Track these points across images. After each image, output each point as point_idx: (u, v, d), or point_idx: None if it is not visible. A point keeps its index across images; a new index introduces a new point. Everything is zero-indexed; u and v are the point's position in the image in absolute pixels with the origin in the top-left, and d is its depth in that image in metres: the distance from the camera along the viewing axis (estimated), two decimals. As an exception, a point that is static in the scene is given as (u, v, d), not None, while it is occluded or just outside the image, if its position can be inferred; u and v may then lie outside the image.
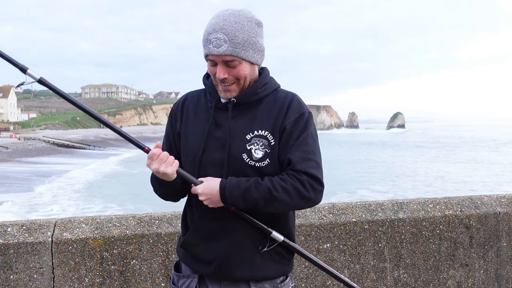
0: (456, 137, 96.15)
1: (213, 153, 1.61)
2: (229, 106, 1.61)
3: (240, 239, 1.61)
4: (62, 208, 20.77)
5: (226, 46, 1.52)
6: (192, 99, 1.73)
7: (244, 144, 1.58)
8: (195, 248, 1.65)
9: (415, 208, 2.83)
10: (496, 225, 2.90)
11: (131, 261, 2.41)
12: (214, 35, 1.53)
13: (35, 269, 2.31)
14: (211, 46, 1.54)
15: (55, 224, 2.42)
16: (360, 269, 2.70)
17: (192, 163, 1.64)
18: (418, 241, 2.78)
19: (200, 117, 1.68)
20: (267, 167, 1.57)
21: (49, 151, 50.20)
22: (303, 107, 1.65)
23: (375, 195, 23.73)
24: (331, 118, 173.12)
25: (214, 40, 1.53)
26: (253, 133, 1.59)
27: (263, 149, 1.57)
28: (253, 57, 1.59)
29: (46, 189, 25.89)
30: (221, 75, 1.56)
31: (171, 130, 1.74)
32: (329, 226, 2.65)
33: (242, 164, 1.57)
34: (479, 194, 3.14)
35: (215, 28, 1.54)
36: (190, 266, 1.69)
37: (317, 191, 1.55)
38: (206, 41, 1.55)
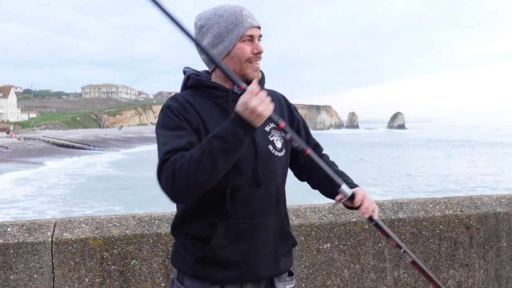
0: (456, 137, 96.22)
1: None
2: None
3: (266, 236, 1.61)
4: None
5: (258, 20, 1.62)
6: (189, 98, 1.61)
7: (267, 135, 1.63)
8: (221, 251, 1.56)
9: (415, 208, 2.83)
10: (496, 225, 2.90)
11: (131, 261, 2.41)
12: (245, 11, 1.59)
13: (35, 269, 2.31)
14: (250, 20, 1.58)
15: (55, 224, 2.42)
16: (360, 269, 2.70)
17: (243, 161, 1.55)
18: (418, 241, 2.78)
19: (211, 114, 1.58)
20: (285, 156, 1.67)
21: (49, 151, 50.21)
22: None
23: (376, 195, 23.74)
24: (331, 118, 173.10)
25: (249, 14, 1.59)
26: (270, 125, 1.65)
27: (280, 140, 1.66)
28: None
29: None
30: (261, 47, 1.60)
31: (187, 124, 1.53)
32: (329, 226, 2.65)
33: (270, 155, 1.61)
34: (479, 194, 3.14)
35: (241, 7, 1.59)
36: (207, 275, 1.59)
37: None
38: (241, 17, 1.57)
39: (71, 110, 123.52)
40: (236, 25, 1.57)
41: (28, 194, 24.45)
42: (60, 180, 29.97)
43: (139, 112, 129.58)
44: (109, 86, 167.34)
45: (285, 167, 1.70)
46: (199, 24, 1.63)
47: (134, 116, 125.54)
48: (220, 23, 1.58)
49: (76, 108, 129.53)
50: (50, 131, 77.79)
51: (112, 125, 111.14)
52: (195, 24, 1.65)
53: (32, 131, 78.20)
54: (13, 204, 21.87)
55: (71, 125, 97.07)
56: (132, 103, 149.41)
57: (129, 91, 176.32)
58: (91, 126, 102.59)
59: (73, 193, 24.95)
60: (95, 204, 21.12)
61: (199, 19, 1.63)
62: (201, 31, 1.62)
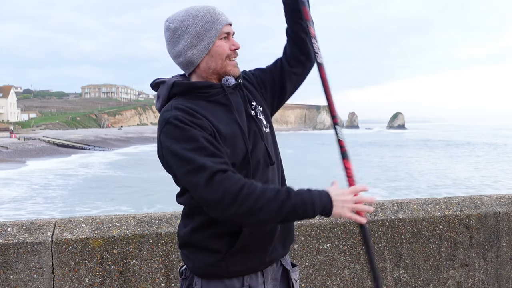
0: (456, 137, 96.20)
1: (252, 135, 1.62)
2: (241, 85, 1.67)
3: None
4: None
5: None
6: (184, 103, 1.54)
7: (255, 117, 1.66)
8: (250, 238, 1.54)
9: (415, 208, 2.83)
10: (496, 225, 2.90)
11: (131, 261, 2.41)
12: (217, 10, 1.61)
13: (35, 269, 2.31)
14: (223, 17, 1.60)
15: (55, 224, 2.42)
16: (360, 269, 2.70)
17: (244, 159, 1.54)
18: (418, 241, 2.78)
19: (216, 113, 1.57)
20: (270, 131, 1.72)
21: (49, 151, 50.22)
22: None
23: (376, 195, 23.71)
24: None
25: (221, 12, 1.61)
26: (252, 106, 1.68)
27: (262, 116, 1.70)
28: None
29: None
30: (237, 44, 1.63)
31: (205, 133, 1.46)
32: (329, 226, 2.65)
33: (266, 135, 1.67)
34: (479, 194, 3.14)
35: (212, 6, 1.62)
36: (237, 269, 1.55)
37: None
38: (215, 15, 1.59)
39: (71, 110, 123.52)
40: (213, 23, 1.58)
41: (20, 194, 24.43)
42: (58, 179, 29.98)
43: (139, 112, 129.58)
44: (109, 86, 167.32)
45: (275, 140, 1.76)
46: (172, 26, 1.59)
47: (134, 116, 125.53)
48: (196, 23, 1.57)
49: (76, 108, 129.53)
50: (50, 131, 77.79)
51: (112, 125, 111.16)
52: (167, 28, 1.61)
53: (32, 131, 78.20)
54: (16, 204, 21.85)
55: (71, 125, 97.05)
56: (132, 103, 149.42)
57: (129, 91, 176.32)
58: (91, 126, 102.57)
59: (71, 193, 24.95)
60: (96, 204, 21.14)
61: (172, 22, 1.60)
62: (176, 33, 1.59)
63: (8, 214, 18.78)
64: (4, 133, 66.47)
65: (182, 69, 1.67)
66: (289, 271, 1.72)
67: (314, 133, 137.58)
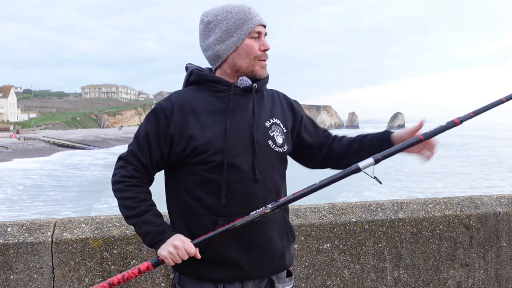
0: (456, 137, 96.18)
1: (238, 142, 1.58)
2: (253, 90, 1.64)
3: (270, 232, 1.63)
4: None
5: (264, 19, 1.67)
6: (187, 96, 1.63)
7: (267, 130, 1.64)
8: (224, 250, 1.58)
9: (415, 208, 2.83)
10: (496, 225, 2.90)
11: (131, 261, 2.41)
12: (252, 10, 1.63)
13: (35, 269, 2.31)
14: (257, 17, 1.62)
15: (55, 224, 2.42)
16: (360, 269, 2.70)
17: (218, 156, 1.56)
18: (418, 241, 2.78)
19: (211, 110, 1.60)
20: (285, 152, 1.69)
21: (49, 151, 50.21)
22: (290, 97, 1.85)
23: (377, 195, 23.71)
24: (331, 118, 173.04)
25: (256, 12, 1.63)
26: (270, 121, 1.66)
27: (281, 135, 1.67)
28: None
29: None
30: (267, 45, 1.63)
31: (158, 132, 1.60)
32: (329, 226, 2.65)
33: (269, 151, 1.63)
34: (479, 194, 3.14)
35: (248, 6, 1.63)
36: (209, 276, 1.60)
37: None
38: (249, 14, 1.61)
39: (71, 110, 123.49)
40: (245, 21, 1.59)
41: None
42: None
43: (139, 112, 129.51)
44: (109, 86, 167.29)
45: (286, 162, 1.73)
46: (206, 20, 1.64)
47: (134, 116, 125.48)
48: (229, 19, 1.60)
49: (76, 108, 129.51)
50: (50, 131, 77.77)
51: (112, 125, 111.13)
52: (201, 21, 1.66)
53: (32, 131, 78.18)
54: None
55: (71, 125, 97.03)
56: (132, 103, 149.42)
57: (129, 91, 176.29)
58: (91, 126, 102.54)
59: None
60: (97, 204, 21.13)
61: (206, 16, 1.64)
62: (209, 27, 1.63)
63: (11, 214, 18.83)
64: (4, 133, 66.45)
65: (209, 63, 1.70)
66: (274, 282, 1.68)
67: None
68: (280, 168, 1.69)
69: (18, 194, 24.08)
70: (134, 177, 1.60)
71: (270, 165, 1.63)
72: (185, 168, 1.62)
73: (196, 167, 1.59)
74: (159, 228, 1.56)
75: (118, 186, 1.60)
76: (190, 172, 1.61)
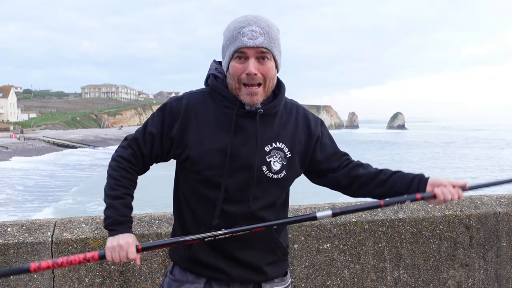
0: (456, 137, 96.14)
1: (231, 163, 1.57)
2: (257, 116, 1.58)
3: (250, 248, 1.64)
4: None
5: (262, 39, 1.51)
6: (197, 102, 1.62)
7: (265, 155, 1.60)
8: (204, 256, 1.63)
9: (415, 208, 2.83)
10: (496, 225, 2.90)
11: (131, 261, 2.41)
12: (248, 28, 1.51)
13: (35, 269, 2.31)
14: (245, 39, 1.50)
15: (55, 224, 2.42)
16: (360, 269, 2.70)
17: (217, 175, 1.57)
18: (418, 241, 2.78)
19: (214, 124, 1.59)
20: (282, 179, 1.63)
21: (49, 151, 50.20)
22: (313, 114, 1.77)
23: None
24: (331, 118, 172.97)
25: (249, 32, 1.50)
26: (272, 146, 1.61)
27: (280, 161, 1.61)
28: (279, 58, 1.59)
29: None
30: (253, 69, 1.50)
31: (162, 130, 1.62)
32: (329, 226, 2.65)
33: (261, 176, 1.59)
34: (479, 194, 3.13)
35: (249, 22, 1.52)
36: (196, 271, 1.65)
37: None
38: (238, 34, 1.51)
39: (71, 110, 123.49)
40: (231, 42, 1.53)
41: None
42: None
43: (139, 112, 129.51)
44: (109, 86, 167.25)
45: (283, 188, 1.68)
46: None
47: (134, 116, 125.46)
48: (225, 36, 1.58)
49: (76, 108, 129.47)
50: (50, 131, 77.77)
51: (112, 125, 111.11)
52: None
53: (32, 131, 78.16)
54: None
55: (71, 125, 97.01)
56: (132, 103, 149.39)
57: (129, 91, 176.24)
58: (91, 126, 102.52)
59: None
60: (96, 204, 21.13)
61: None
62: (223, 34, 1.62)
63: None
64: (4, 133, 66.40)
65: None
66: (261, 284, 1.68)
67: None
68: (275, 194, 1.65)
69: (16, 194, 24.08)
70: (128, 161, 1.65)
71: (261, 190, 1.60)
72: (184, 172, 1.66)
73: (191, 175, 1.63)
74: (119, 219, 1.59)
75: (112, 164, 1.66)
76: (187, 177, 1.65)
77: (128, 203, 1.64)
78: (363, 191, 1.73)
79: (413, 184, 1.67)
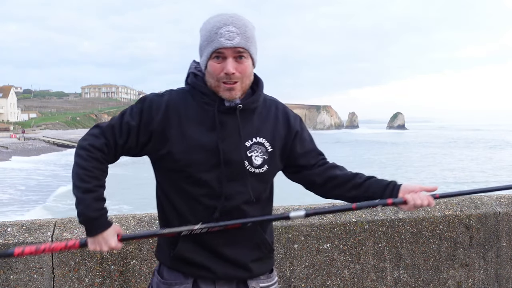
0: (456, 137, 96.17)
1: (210, 159, 1.59)
2: (237, 111, 1.60)
3: (232, 244, 1.65)
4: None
5: (239, 39, 1.54)
6: (178, 100, 1.64)
7: (246, 150, 1.62)
8: (189, 254, 1.64)
9: (415, 208, 2.83)
10: (496, 225, 2.90)
11: (131, 261, 2.41)
12: (225, 28, 1.53)
13: (35, 269, 2.31)
14: (222, 39, 1.53)
15: (55, 224, 2.42)
16: (360, 269, 2.70)
17: (200, 171, 1.58)
18: (418, 241, 2.78)
19: (196, 120, 1.61)
20: (265, 173, 1.65)
21: (49, 151, 50.21)
22: (292, 111, 1.77)
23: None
24: (331, 118, 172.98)
25: (226, 33, 1.53)
26: (252, 140, 1.63)
27: (261, 156, 1.64)
28: (255, 55, 1.62)
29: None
30: (231, 69, 1.54)
31: (140, 122, 1.60)
32: (329, 226, 2.65)
33: (243, 171, 1.61)
34: (479, 194, 3.13)
35: (225, 22, 1.54)
36: (181, 270, 1.66)
37: None
38: (216, 35, 1.53)
39: (71, 110, 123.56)
40: (209, 43, 1.55)
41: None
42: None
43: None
44: (109, 86, 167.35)
45: (266, 182, 1.69)
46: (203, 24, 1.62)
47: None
48: (202, 36, 1.59)
49: (76, 108, 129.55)
50: (50, 131, 77.80)
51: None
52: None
53: (32, 131, 78.16)
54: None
55: (71, 125, 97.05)
56: (132, 103, 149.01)
57: (129, 91, 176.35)
58: (91, 126, 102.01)
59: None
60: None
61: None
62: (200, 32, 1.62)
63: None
64: (4, 133, 66.41)
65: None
66: (247, 280, 1.69)
67: (314, 133, 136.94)
68: (258, 188, 1.66)
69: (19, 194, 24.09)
70: (101, 151, 1.60)
71: (243, 185, 1.62)
72: (165, 172, 1.66)
73: (173, 174, 1.63)
74: (93, 214, 1.59)
75: (82, 152, 1.60)
76: (169, 177, 1.65)
77: (100, 196, 1.61)
78: (337, 192, 1.76)
79: (387, 189, 1.72)
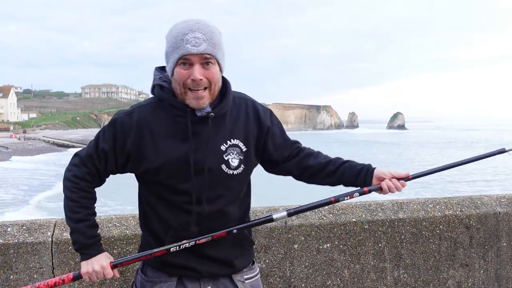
0: (456, 137, 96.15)
1: (188, 168, 1.61)
2: (209, 120, 1.60)
3: (216, 246, 1.68)
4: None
5: (206, 45, 1.53)
6: (148, 115, 1.63)
7: (222, 154, 1.64)
8: (174, 257, 1.66)
9: (415, 208, 2.83)
10: (496, 225, 2.90)
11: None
12: (191, 34, 1.51)
13: (35, 269, 2.31)
14: (189, 46, 1.51)
15: (55, 224, 2.42)
16: (360, 269, 2.70)
17: (179, 182, 1.61)
18: (418, 241, 2.78)
19: (168, 134, 1.61)
20: (242, 173, 1.68)
21: (49, 151, 50.21)
22: (261, 105, 1.79)
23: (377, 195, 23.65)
24: (331, 118, 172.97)
25: (192, 39, 1.51)
26: (227, 143, 1.65)
27: (237, 157, 1.66)
28: (223, 62, 1.61)
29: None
30: (198, 75, 1.52)
31: (114, 146, 1.62)
32: (329, 226, 2.65)
33: (222, 175, 1.64)
34: (479, 194, 3.14)
35: (192, 29, 1.52)
36: (166, 270, 1.69)
37: None
38: (182, 41, 1.51)
39: (71, 110, 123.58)
40: (174, 49, 1.53)
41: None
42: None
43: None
44: (109, 86, 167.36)
45: (244, 181, 1.72)
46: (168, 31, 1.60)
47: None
48: (168, 42, 1.57)
49: (76, 108, 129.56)
50: (50, 131, 77.83)
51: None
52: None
53: (32, 131, 78.16)
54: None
55: (71, 125, 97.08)
56: (132, 103, 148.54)
57: (129, 91, 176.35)
58: (91, 126, 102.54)
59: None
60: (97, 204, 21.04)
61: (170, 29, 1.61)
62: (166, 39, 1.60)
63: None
64: (4, 133, 66.40)
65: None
66: (231, 275, 1.73)
67: (314, 133, 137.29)
68: (237, 188, 1.70)
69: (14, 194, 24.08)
70: (85, 180, 1.65)
71: (224, 188, 1.65)
72: (146, 182, 1.69)
73: (153, 185, 1.66)
74: (87, 241, 1.65)
75: (68, 185, 1.66)
76: (150, 185, 1.68)
77: (92, 223, 1.68)
78: (313, 180, 1.82)
79: (360, 176, 1.77)
